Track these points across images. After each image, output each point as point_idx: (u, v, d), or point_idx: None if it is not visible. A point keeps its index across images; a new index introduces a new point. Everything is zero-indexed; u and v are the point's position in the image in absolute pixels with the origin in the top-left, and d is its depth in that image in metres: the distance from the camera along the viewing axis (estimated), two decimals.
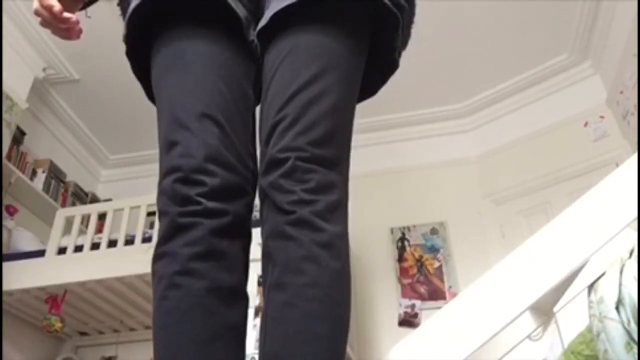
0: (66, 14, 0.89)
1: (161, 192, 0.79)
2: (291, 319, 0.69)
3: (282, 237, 0.74)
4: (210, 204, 0.76)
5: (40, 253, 2.95)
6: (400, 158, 4.02)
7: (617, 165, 3.05)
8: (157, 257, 0.77)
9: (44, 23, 0.91)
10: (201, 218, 0.75)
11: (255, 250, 0.80)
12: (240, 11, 0.89)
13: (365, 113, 2.63)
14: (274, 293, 0.73)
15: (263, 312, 0.74)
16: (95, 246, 2.93)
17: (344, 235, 0.78)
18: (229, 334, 0.73)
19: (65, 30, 0.92)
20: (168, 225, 0.76)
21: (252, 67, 0.91)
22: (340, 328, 0.72)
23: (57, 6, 0.88)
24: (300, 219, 0.74)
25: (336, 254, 0.74)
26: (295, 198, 0.75)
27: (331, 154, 0.80)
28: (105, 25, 2.67)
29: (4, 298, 2.85)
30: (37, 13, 0.90)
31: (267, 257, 0.77)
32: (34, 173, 3.44)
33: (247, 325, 0.78)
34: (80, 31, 0.93)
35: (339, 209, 0.78)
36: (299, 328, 0.69)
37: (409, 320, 3.49)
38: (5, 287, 2.77)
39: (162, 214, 0.78)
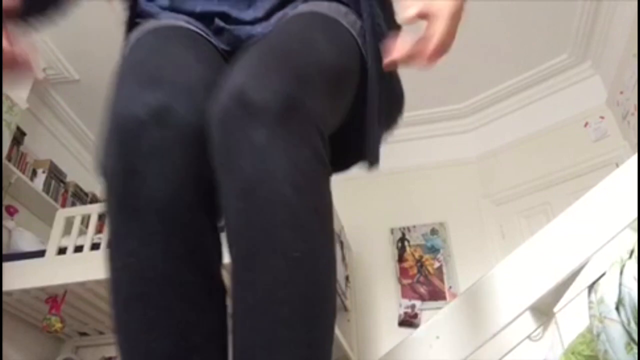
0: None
1: None
2: (260, 329, 0.57)
3: (239, 211, 0.61)
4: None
5: (40, 253, 2.95)
6: (400, 158, 4.02)
7: (617, 165, 3.05)
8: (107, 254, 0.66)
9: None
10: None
11: None
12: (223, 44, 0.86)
13: None
14: (240, 289, 0.61)
15: (232, 308, 0.62)
16: (95, 246, 2.93)
17: (321, 209, 0.64)
18: (206, 343, 0.63)
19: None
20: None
21: None
22: (323, 328, 0.61)
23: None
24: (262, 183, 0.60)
25: (311, 236, 0.61)
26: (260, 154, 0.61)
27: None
28: (105, 26, 2.68)
29: (4, 298, 2.85)
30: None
31: (226, 230, 0.64)
32: (34, 173, 3.44)
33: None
34: (31, 65, 0.75)
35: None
36: (270, 336, 0.57)
37: (409, 321, 3.49)
38: (5, 287, 2.77)
39: None
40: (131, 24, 0.91)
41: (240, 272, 0.61)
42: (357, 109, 0.83)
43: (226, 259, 0.66)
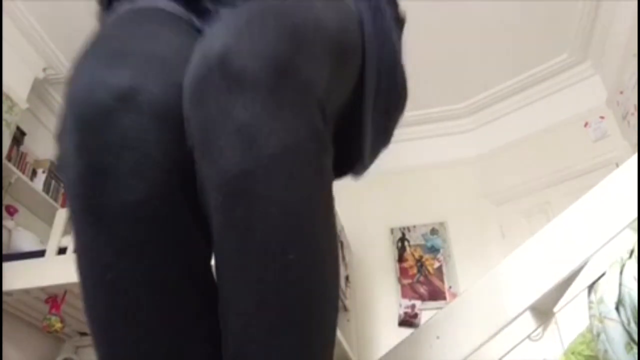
0: None
1: None
2: (253, 338, 0.50)
3: (220, 206, 0.51)
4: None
5: (40, 253, 2.95)
6: (400, 158, 4.02)
7: (617, 165, 3.05)
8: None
9: None
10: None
11: None
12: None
13: None
14: (227, 294, 0.53)
15: (221, 310, 0.54)
16: None
17: (320, 201, 0.53)
18: (202, 346, 0.55)
19: None
20: None
21: None
22: (323, 332, 0.53)
23: None
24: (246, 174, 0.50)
25: (308, 235, 0.51)
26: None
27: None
28: None
29: (4, 298, 2.85)
30: None
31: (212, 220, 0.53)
32: (34, 173, 3.44)
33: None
34: None
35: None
36: (265, 345, 0.49)
37: (409, 321, 3.49)
38: (5, 287, 2.77)
39: None
40: (106, 11, 0.79)
41: (225, 275, 0.52)
42: (350, 108, 0.72)
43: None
